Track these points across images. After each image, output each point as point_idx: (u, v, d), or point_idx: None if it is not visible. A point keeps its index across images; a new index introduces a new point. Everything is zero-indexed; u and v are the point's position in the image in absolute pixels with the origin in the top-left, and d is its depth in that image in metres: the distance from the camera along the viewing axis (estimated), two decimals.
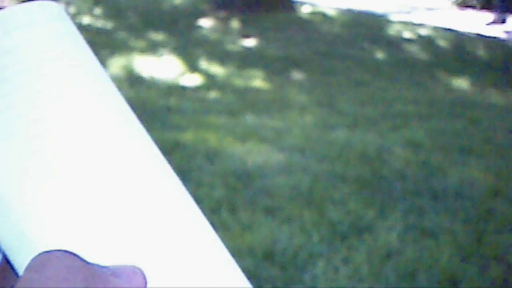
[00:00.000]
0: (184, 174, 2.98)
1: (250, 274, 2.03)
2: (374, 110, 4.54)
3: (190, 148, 3.43)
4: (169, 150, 3.36)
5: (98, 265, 0.28)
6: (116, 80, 5.04)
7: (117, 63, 5.50)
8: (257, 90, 5.10)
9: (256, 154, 3.40)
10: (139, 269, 0.30)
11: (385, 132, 3.97)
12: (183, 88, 5.01)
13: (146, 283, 0.29)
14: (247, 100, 4.70)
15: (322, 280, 2.00)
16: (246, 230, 2.37)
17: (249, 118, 4.17)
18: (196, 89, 5.03)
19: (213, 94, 4.90)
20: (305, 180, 2.98)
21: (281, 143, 3.65)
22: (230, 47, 6.71)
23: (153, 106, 4.40)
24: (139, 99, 4.60)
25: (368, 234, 2.40)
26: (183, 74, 5.39)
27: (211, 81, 5.27)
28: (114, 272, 0.29)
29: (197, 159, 3.24)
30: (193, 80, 5.24)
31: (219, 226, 2.40)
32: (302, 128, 4.01)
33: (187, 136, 3.66)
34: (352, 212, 2.61)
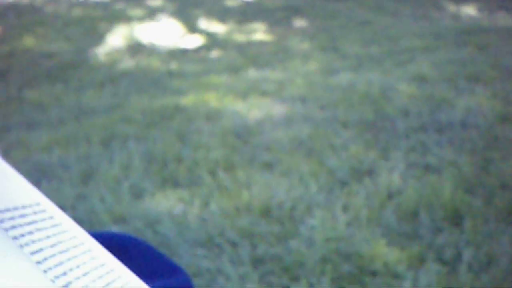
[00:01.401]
0: (183, 137, 2.93)
1: (245, 232, 1.98)
2: (378, 49, 4.42)
3: (191, 111, 3.37)
4: (169, 115, 3.31)
5: None
6: (118, 51, 4.99)
7: (117, 34, 5.43)
8: (259, 43, 4.99)
9: (257, 109, 3.32)
10: None
11: (389, 69, 3.86)
12: (184, 51, 4.92)
13: None
14: (249, 55, 4.61)
15: (320, 230, 1.94)
16: (243, 188, 2.31)
17: (251, 73, 4.09)
18: (197, 50, 4.94)
19: (214, 53, 4.81)
20: (306, 129, 2.91)
21: (283, 95, 3.57)
22: (229, 3, 6.58)
23: (154, 73, 4.34)
24: (140, 67, 4.55)
25: (369, 177, 2.33)
26: (183, 36, 5.30)
27: (212, 40, 5.18)
28: None
29: (197, 121, 3.18)
30: (193, 41, 5.15)
31: (215, 187, 2.35)
32: (305, 77, 3.91)
33: (188, 99, 3.60)
34: (353, 157, 2.54)
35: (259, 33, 5.33)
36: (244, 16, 5.85)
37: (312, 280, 1.65)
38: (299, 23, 5.54)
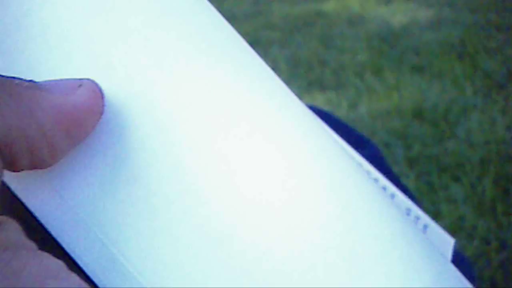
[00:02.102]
0: (326, 42, 2.89)
1: (398, 134, 1.94)
2: None
3: (333, 16, 3.31)
4: (311, 21, 3.26)
5: (6, 76, 0.18)
6: None
7: None
8: None
9: (401, 14, 3.20)
10: (89, 80, 0.19)
11: None
12: None
13: (101, 100, 0.19)
14: None
15: (477, 132, 1.86)
16: (393, 90, 2.26)
17: None
18: None
19: None
20: (456, 33, 2.77)
21: None
22: None
23: None
24: None
25: None
26: None
27: None
28: (40, 85, 0.18)
29: (339, 26, 3.12)
30: None
31: (364, 90, 2.30)
32: None
33: (329, 5, 3.53)
34: (509, 59, 2.40)
35: None
36: None
37: (473, 181, 1.60)
38: None
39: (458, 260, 0.48)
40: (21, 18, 0.20)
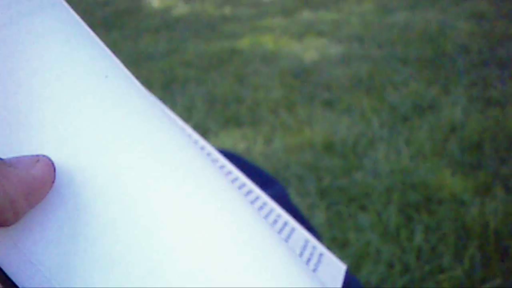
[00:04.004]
0: (241, 79, 2.97)
1: (310, 166, 2.03)
2: None
3: (247, 54, 3.40)
4: (226, 58, 3.35)
5: None
6: None
7: None
8: None
9: (313, 50, 3.33)
10: (44, 156, 0.25)
11: (446, 7, 3.80)
12: None
13: (53, 172, 0.25)
14: None
15: (384, 163, 1.97)
16: (305, 125, 2.35)
17: (306, 14, 4.08)
18: None
19: None
20: (364, 67, 2.91)
21: (339, 35, 3.56)
22: None
23: (208, 18, 4.37)
24: (194, 13, 4.58)
25: (431, 112, 2.34)
26: None
27: None
28: (7, 161, 0.24)
29: (253, 63, 3.21)
30: None
31: (278, 125, 2.39)
32: (361, 16, 3.89)
33: (244, 43, 3.63)
34: (414, 93, 2.54)
35: None
36: None
37: (379, 209, 1.69)
38: None
39: (351, 283, 0.54)
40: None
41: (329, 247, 0.51)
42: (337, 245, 1.53)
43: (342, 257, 1.46)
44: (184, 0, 4.93)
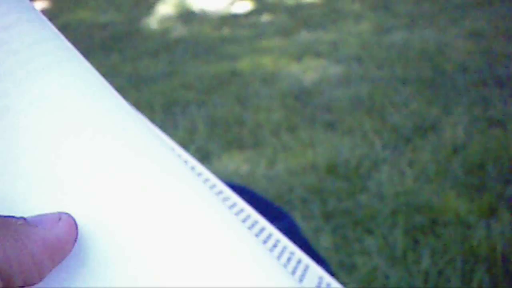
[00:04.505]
0: (242, 101, 2.98)
1: (314, 189, 2.03)
2: (431, 6, 4.37)
3: (247, 75, 3.41)
4: (226, 80, 3.36)
5: (6, 216, 0.24)
6: (169, 19, 5.04)
7: (167, 2, 5.48)
8: (309, 5, 4.98)
9: (312, 71, 3.35)
10: (66, 214, 0.25)
11: (444, 27, 3.82)
12: (235, 16, 4.95)
13: (76, 230, 0.25)
14: (300, 17, 4.61)
15: (388, 185, 1.97)
16: (307, 147, 2.36)
17: (304, 35, 4.10)
18: (248, 15, 4.97)
19: (265, 17, 4.83)
20: (364, 88, 2.92)
21: (337, 55, 3.58)
22: None
23: (207, 39, 4.38)
24: (193, 34, 4.60)
25: (433, 132, 2.34)
26: (233, 2, 5.32)
27: (262, 5, 5.19)
28: (30, 221, 0.25)
29: (254, 84, 3.23)
30: (244, 6, 5.17)
31: (280, 147, 2.39)
32: (358, 37, 3.91)
33: (243, 64, 3.64)
34: (415, 113, 2.55)
35: None
36: None
37: (385, 232, 1.69)
38: None
39: None
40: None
41: (336, 272, 0.51)
42: (344, 270, 1.52)
43: (350, 282, 1.46)
44: (182, 21, 4.95)
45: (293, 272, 0.46)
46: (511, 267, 1.47)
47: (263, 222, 0.50)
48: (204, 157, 2.41)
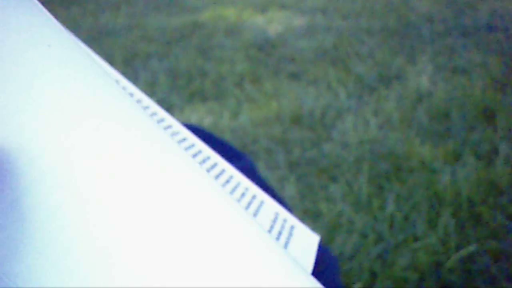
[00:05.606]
0: (205, 53, 2.92)
1: (278, 139, 2.00)
2: None
3: (209, 27, 3.35)
4: (188, 32, 3.29)
5: None
6: None
7: None
8: None
9: (277, 22, 3.29)
10: None
11: None
12: None
13: None
14: None
15: (352, 134, 1.95)
16: (272, 98, 2.32)
17: None
18: None
19: None
20: (329, 39, 2.88)
21: (302, 6, 3.53)
22: None
23: None
24: None
25: (398, 82, 2.32)
26: None
27: None
28: None
29: (217, 36, 3.16)
30: None
31: (244, 99, 2.35)
32: None
33: (206, 16, 3.57)
34: (379, 63, 2.52)
35: None
36: None
37: (350, 179, 1.67)
38: None
39: (324, 255, 0.52)
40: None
41: (301, 219, 0.48)
42: (309, 217, 1.50)
43: (315, 229, 1.44)
44: None
45: (247, 207, 0.43)
46: (476, 211, 1.46)
47: (215, 157, 0.46)
48: (167, 109, 2.35)
